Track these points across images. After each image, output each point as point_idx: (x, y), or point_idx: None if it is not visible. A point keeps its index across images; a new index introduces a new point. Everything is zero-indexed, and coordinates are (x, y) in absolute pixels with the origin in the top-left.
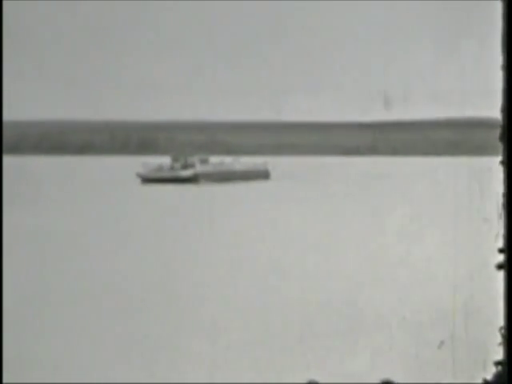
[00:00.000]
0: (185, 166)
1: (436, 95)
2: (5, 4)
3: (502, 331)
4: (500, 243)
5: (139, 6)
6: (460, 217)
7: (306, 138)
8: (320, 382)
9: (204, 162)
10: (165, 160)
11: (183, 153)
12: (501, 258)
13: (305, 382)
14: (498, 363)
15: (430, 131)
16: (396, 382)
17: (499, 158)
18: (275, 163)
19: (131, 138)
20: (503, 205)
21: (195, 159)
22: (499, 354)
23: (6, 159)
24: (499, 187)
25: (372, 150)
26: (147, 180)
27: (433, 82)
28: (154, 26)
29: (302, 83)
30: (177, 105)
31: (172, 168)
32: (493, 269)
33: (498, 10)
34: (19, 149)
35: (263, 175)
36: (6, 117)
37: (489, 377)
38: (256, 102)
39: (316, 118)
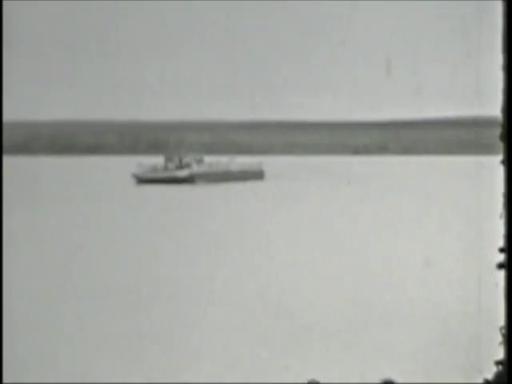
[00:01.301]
0: (180, 166)
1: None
2: (16, 4)
3: (503, 331)
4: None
5: (148, 7)
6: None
7: (316, 138)
8: (321, 382)
9: (199, 162)
10: (159, 160)
11: (178, 152)
12: (502, 257)
13: (306, 381)
14: (498, 363)
15: (441, 130)
16: (397, 381)
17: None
18: (275, 163)
19: (141, 139)
20: (504, 204)
21: (191, 159)
22: (500, 353)
23: (16, 159)
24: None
25: (382, 149)
26: (142, 180)
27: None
28: (162, 27)
29: (312, 82)
30: (186, 105)
31: (166, 168)
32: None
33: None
34: (29, 149)
35: (257, 175)
36: (16, 117)
37: (489, 376)
38: (265, 102)
39: (326, 117)
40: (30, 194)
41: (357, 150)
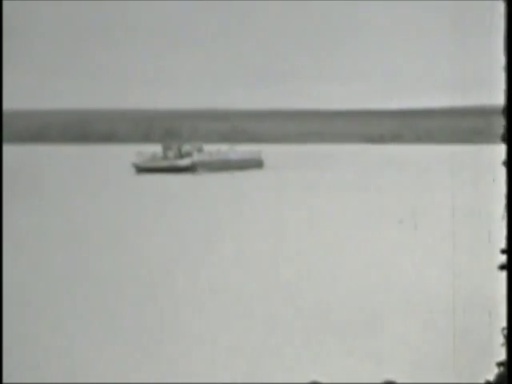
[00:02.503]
0: (179, 155)
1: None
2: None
3: (504, 332)
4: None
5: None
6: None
7: (329, 126)
8: (322, 382)
9: (199, 150)
10: (158, 149)
11: (177, 141)
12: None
13: (308, 382)
14: (500, 364)
15: (455, 119)
16: (398, 382)
17: None
18: (279, 152)
19: (154, 127)
20: (505, 206)
21: (191, 148)
22: (502, 354)
23: (30, 148)
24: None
25: (396, 137)
26: (142, 170)
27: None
28: (177, 15)
29: (327, 70)
30: (200, 93)
31: (165, 157)
32: None
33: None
34: (44, 138)
35: (256, 164)
36: (30, 106)
37: (491, 378)
38: (278, 90)
39: (341, 106)
40: (30, 185)
41: (371, 139)
